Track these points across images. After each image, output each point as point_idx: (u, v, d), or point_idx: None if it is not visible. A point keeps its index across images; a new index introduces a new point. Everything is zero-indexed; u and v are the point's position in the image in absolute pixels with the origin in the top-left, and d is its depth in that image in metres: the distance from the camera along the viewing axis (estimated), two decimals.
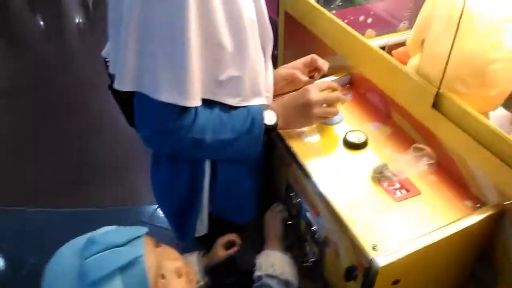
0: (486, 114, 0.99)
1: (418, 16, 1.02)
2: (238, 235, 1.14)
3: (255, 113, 0.93)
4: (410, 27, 1.68)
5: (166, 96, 0.82)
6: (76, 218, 2.05)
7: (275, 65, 1.69)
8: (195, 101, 0.84)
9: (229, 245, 1.04)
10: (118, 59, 0.85)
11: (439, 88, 0.87)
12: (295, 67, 1.11)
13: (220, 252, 1.01)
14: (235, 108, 0.92)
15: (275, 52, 1.68)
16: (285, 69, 1.11)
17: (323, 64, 1.09)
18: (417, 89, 0.92)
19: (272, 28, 1.50)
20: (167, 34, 0.79)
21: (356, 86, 1.18)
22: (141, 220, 2.06)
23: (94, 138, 2.57)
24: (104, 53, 0.94)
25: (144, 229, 0.73)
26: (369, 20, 1.66)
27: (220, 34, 0.83)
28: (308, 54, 1.19)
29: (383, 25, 1.67)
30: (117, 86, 0.86)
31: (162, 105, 0.83)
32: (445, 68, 0.84)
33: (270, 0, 1.68)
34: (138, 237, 0.71)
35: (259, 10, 0.91)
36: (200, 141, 0.89)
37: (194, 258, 0.97)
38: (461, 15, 0.80)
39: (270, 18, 1.69)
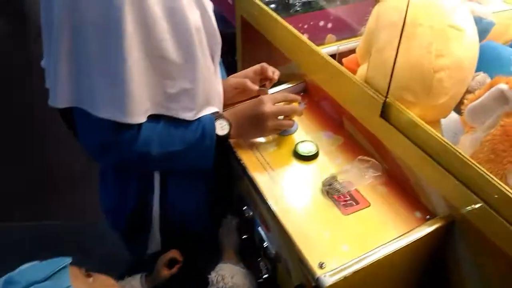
0: (438, 121, 0.98)
1: (367, 24, 1.00)
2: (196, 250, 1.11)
3: (206, 123, 0.90)
4: None
5: (105, 112, 0.79)
6: (34, 234, 1.97)
7: (234, 72, 1.66)
8: (137, 118, 0.81)
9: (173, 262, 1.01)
10: (51, 75, 0.81)
11: (386, 97, 0.85)
12: (245, 76, 1.08)
13: (163, 271, 0.97)
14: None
15: (235, 58, 1.66)
16: (236, 78, 1.08)
17: (274, 73, 1.07)
18: (365, 98, 0.90)
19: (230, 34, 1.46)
20: (102, 50, 0.75)
21: (310, 94, 1.16)
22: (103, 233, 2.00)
23: (51, 148, 2.48)
24: (43, 63, 0.89)
25: (67, 260, 0.69)
26: (329, 25, 1.65)
27: (164, 46, 0.79)
28: (266, 61, 1.16)
29: (344, 30, 1.65)
30: (51, 103, 0.82)
31: (102, 119, 0.79)
32: (391, 77, 0.83)
33: (228, 5, 1.67)
34: (62, 268, 0.67)
35: (205, 16, 0.87)
36: (145, 154, 0.85)
37: (137, 281, 0.93)
38: (404, 22, 0.78)
39: (229, 23, 1.66)
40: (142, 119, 0.82)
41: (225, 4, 1.70)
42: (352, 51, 1.45)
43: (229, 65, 1.29)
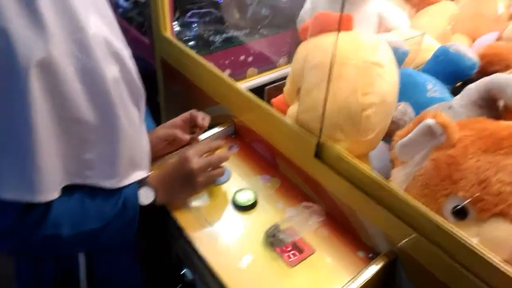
0: (367, 154, 0.99)
1: (292, 64, 1.00)
2: None
3: (128, 193, 0.81)
4: (289, 61, 1.71)
5: (9, 192, 0.68)
6: None
7: (158, 116, 1.59)
8: (49, 194, 0.70)
9: None
10: None
11: (319, 137, 0.85)
12: (174, 125, 1.03)
13: None
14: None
15: (157, 101, 1.60)
16: (164, 129, 1.02)
17: (203, 120, 1.02)
18: (298, 139, 0.89)
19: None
20: (4, 120, 0.66)
21: (241, 136, 1.13)
22: None
23: None
24: None
25: None
26: (250, 59, 1.66)
27: (79, 109, 0.70)
28: (191, 102, 1.11)
29: (264, 62, 1.68)
30: None
31: (3, 201, 0.68)
32: (323, 117, 0.83)
33: (146, 45, 1.61)
34: None
35: (124, 70, 0.79)
36: (55, 237, 0.74)
37: None
38: (331, 65, 0.79)
39: (149, 64, 1.61)
40: (54, 195, 0.72)
41: (142, 44, 1.65)
42: (276, 85, 1.47)
43: (152, 107, 1.23)
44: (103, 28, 0.74)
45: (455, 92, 1.11)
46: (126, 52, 0.80)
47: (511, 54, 1.10)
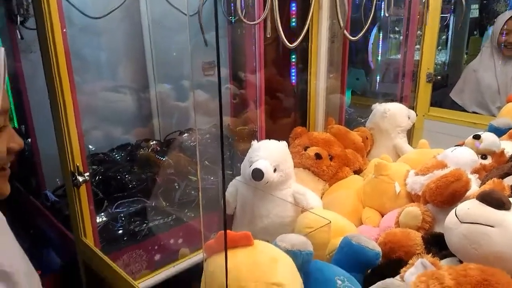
0: None
1: None
2: None
3: None
4: None
5: None
6: None
7: None
8: None
9: None
10: None
11: None
12: None
13: None
14: None
15: None
16: None
17: None
18: None
19: None
20: None
21: None
22: None
23: None
24: None
25: None
26: (180, 241, 1.69)
27: None
28: None
29: (196, 241, 1.70)
30: None
31: None
32: None
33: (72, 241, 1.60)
34: None
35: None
36: None
37: None
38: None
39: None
40: None
41: (67, 239, 1.64)
42: None
43: None
44: None
45: (366, 279, 1.16)
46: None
47: (409, 240, 1.18)
